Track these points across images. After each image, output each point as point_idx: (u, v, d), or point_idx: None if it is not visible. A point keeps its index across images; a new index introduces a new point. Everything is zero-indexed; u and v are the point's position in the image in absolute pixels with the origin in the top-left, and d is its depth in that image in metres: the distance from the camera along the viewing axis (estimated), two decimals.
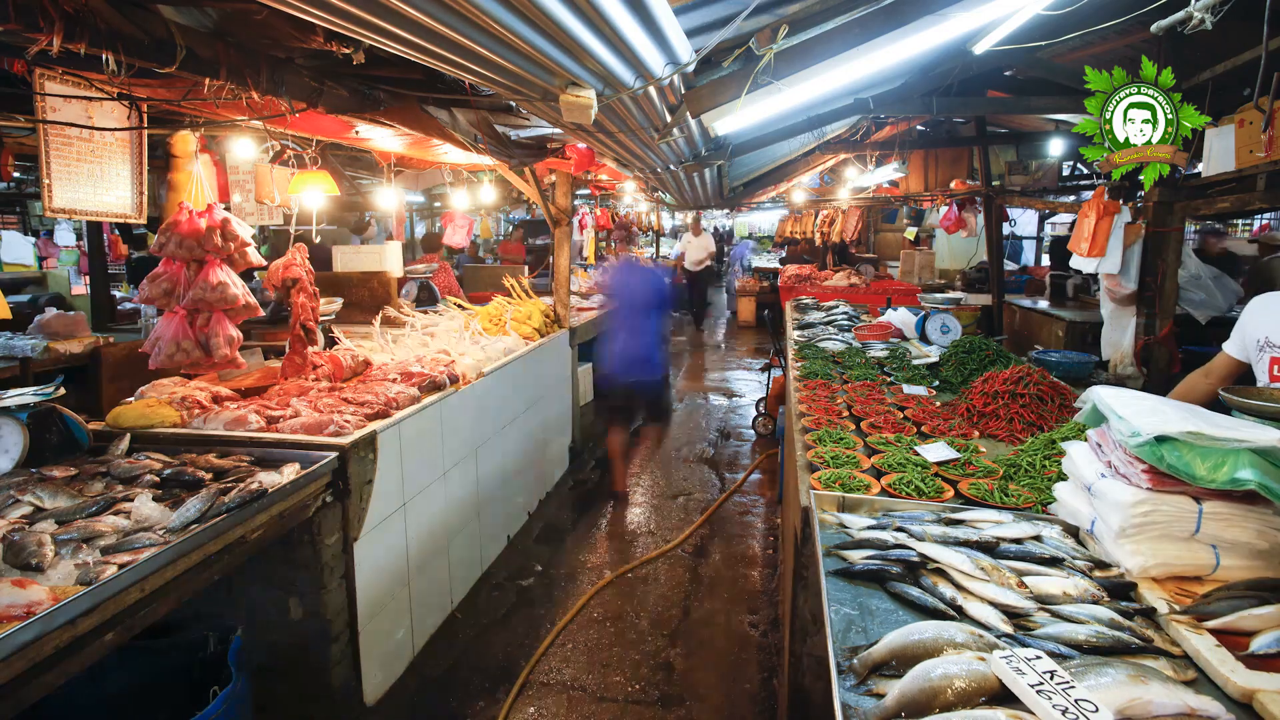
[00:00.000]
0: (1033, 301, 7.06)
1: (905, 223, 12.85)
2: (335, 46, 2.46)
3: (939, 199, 8.28)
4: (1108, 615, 1.36)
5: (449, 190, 6.71)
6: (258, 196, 3.97)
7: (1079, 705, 1.03)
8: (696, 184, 6.24)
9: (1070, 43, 3.27)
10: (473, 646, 3.31)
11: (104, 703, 2.10)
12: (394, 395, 3.09)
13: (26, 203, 10.96)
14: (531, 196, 5.49)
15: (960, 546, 1.61)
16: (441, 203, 9.20)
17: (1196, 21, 1.99)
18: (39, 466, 2.26)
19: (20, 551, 1.72)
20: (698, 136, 4.00)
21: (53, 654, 1.50)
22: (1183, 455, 1.49)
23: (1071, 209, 6.21)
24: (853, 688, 1.21)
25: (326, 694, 2.61)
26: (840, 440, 2.55)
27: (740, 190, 8.13)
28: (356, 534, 2.66)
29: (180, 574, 1.86)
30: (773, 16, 2.45)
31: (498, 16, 1.64)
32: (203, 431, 2.70)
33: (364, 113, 3.18)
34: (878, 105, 4.66)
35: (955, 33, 2.42)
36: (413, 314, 5.09)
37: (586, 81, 2.24)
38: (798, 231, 14.48)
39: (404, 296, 6.16)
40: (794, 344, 4.60)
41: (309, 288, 3.37)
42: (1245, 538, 1.50)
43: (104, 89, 2.59)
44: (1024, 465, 2.24)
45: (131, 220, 2.98)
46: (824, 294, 7.49)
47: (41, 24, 1.87)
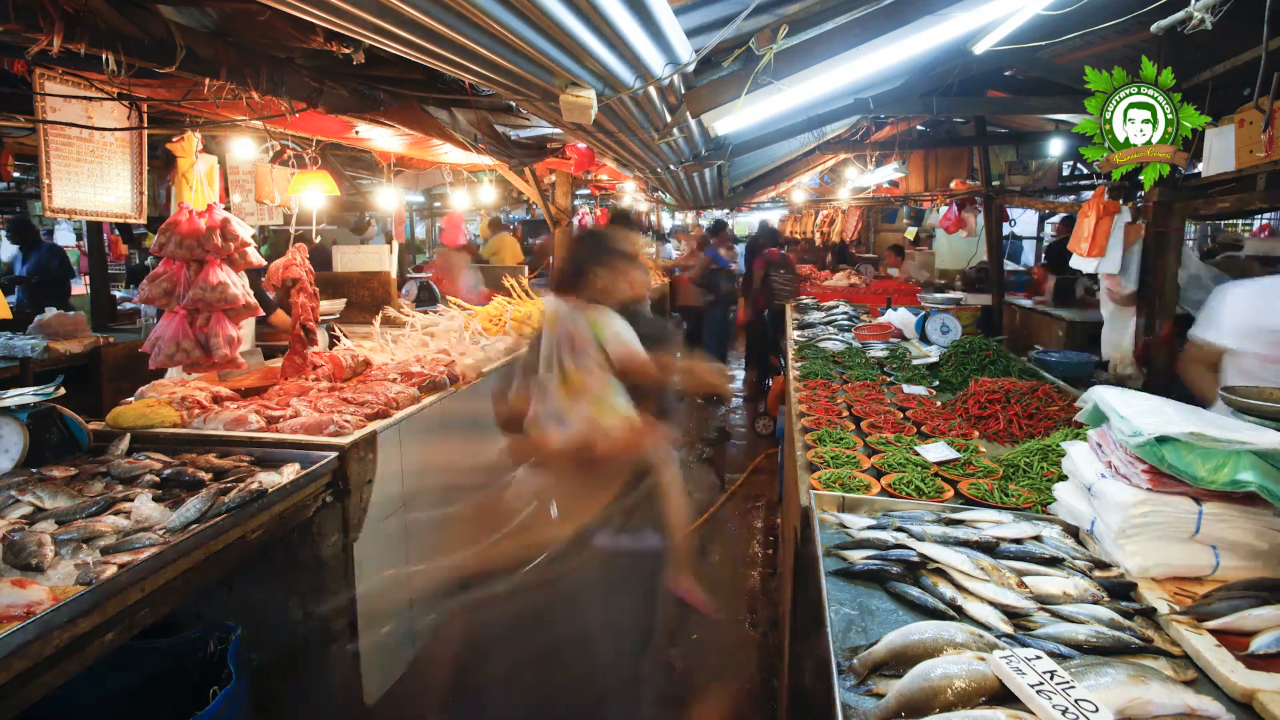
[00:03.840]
0: (1033, 302, 7.06)
1: (905, 223, 12.84)
2: (335, 46, 2.46)
3: (939, 199, 8.28)
4: (1108, 615, 1.36)
5: (449, 190, 6.71)
6: (258, 196, 3.97)
7: (1079, 705, 1.03)
8: (696, 184, 6.24)
9: (1070, 43, 3.27)
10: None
11: (104, 703, 2.10)
12: (394, 395, 3.09)
13: (26, 203, 10.95)
14: (531, 196, 5.50)
15: (960, 546, 1.60)
16: (441, 203, 9.21)
17: (1196, 21, 1.99)
18: (39, 466, 2.26)
19: (20, 551, 1.72)
20: (698, 136, 4.00)
21: (53, 654, 1.50)
22: (1184, 456, 1.49)
23: (1071, 209, 6.21)
24: (853, 688, 1.21)
25: (326, 694, 2.60)
26: (840, 440, 2.55)
27: (740, 190, 8.13)
28: (356, 534, 2.66)
29: (180, 574, 1.85)
30: (773, 16, 2.45)
31: (498, 17, 1.64)
32: (203, 431, 2.70)
33: (364, 113, 3.18)
34: (878, 105, 4.66)
35: (955, 33, 2.42)
36: (413, 314, 5.09)
37: (586, 81, 2.24)
38: (798, 231, 14.49)
39: (404, 296, 6.17)
40: (794, 344, 4.60)
41: (309, 288, 3.37)
42: (1245, 539, 1.50)
43: (104, 89, 2.59)
44: (1023, 465, 2.24)
45: (131, 220, 2.98)
46: (824, 294, 7.49)
47: (41, 24, 1.87)
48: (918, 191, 8.36)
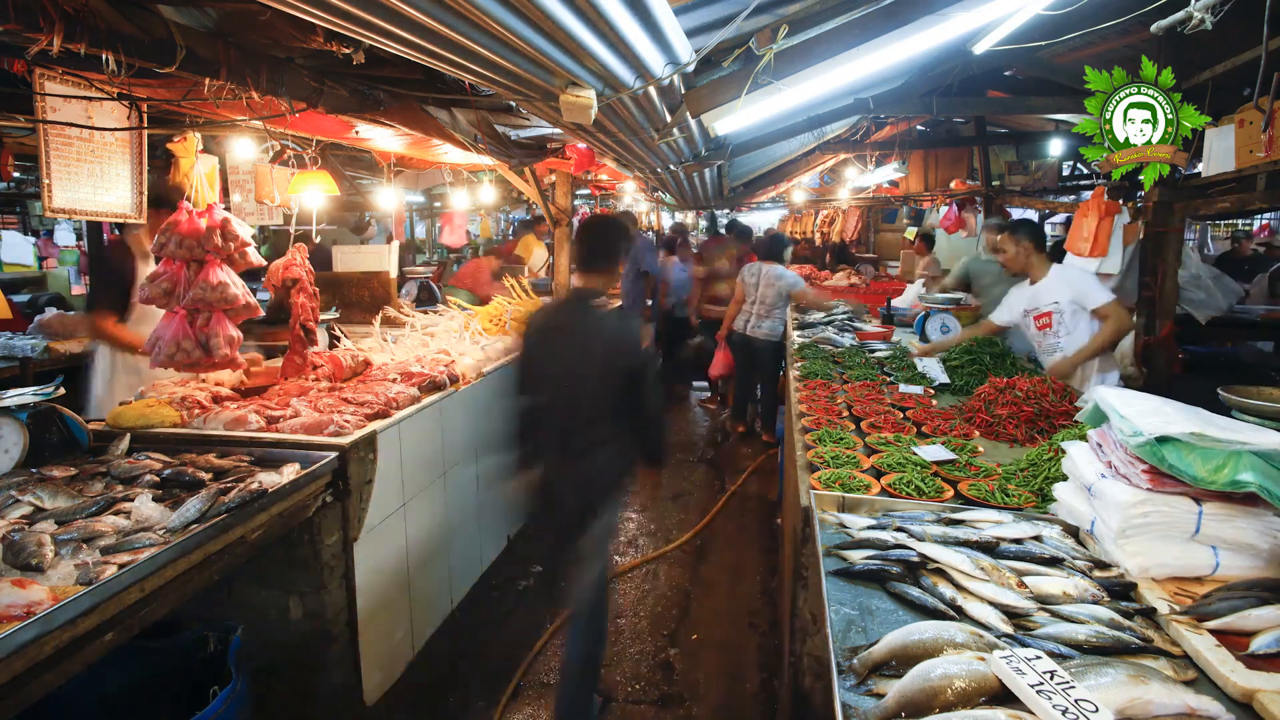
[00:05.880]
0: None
1: (905, 223, 12.84)
2: (335, 46, 2.46)
3: (939, 199, 8.28)
4: (1108, 615, 1.36)
5: (449, 190, 6.71)
6: (258, 196, 3.97)
7: (1079, 705, 1.03)
8: (696, 184, 6.24)
9: (1070, 43, 3.27)
10: (473, 646, 3.31)
11: (104, 702, 2.10)
12: (394, 395, 3.09)
13: (26, 203, 10.96)
14: (531, 196, 5.50)
15: (960, 546, 1.61)
16: (441, 203, 9.21)
17: (1196, 21, 1.99)
18: (39, 466, 2.26)
19: (20, 551, 1.72)
20: (698, 136, 4.00)
21: (53, 654, 1.50)
22: (1184, 456, 1.49)
23: (1071, 209, 6.21)
24: (853, 688, 1.21)
25: (326, 694, 2.60)
26: (840, 440, 2.55)
27: (740, 190, 8.14)
28: (356, 534, 2.66)
29: (180, 574, 1.85)
30: (773, 16, 2.45)
31: (498, 17, 1.64)
32: (203, 431, 2.70)
33: (364, 113, 3.18)
34: (878, 105, 4.67)
35: (955, 33, 2.42)
36: (413, 314, 5.09)
37: (586, 81, 2.24)
38: (798, 231, 14.47)
39: (404, 296, 6.17)
40: (794, 344, 4.60)
41: (309, 288, 3.37)
42: (1245, 539, 1.50)
43: (104, 89, 2.59)
44: (1023, 465, 2.23)
45: (131, 220, 2.98)
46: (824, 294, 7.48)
47: (41, 24, 1.87)
48: (918, 191, 8.37)
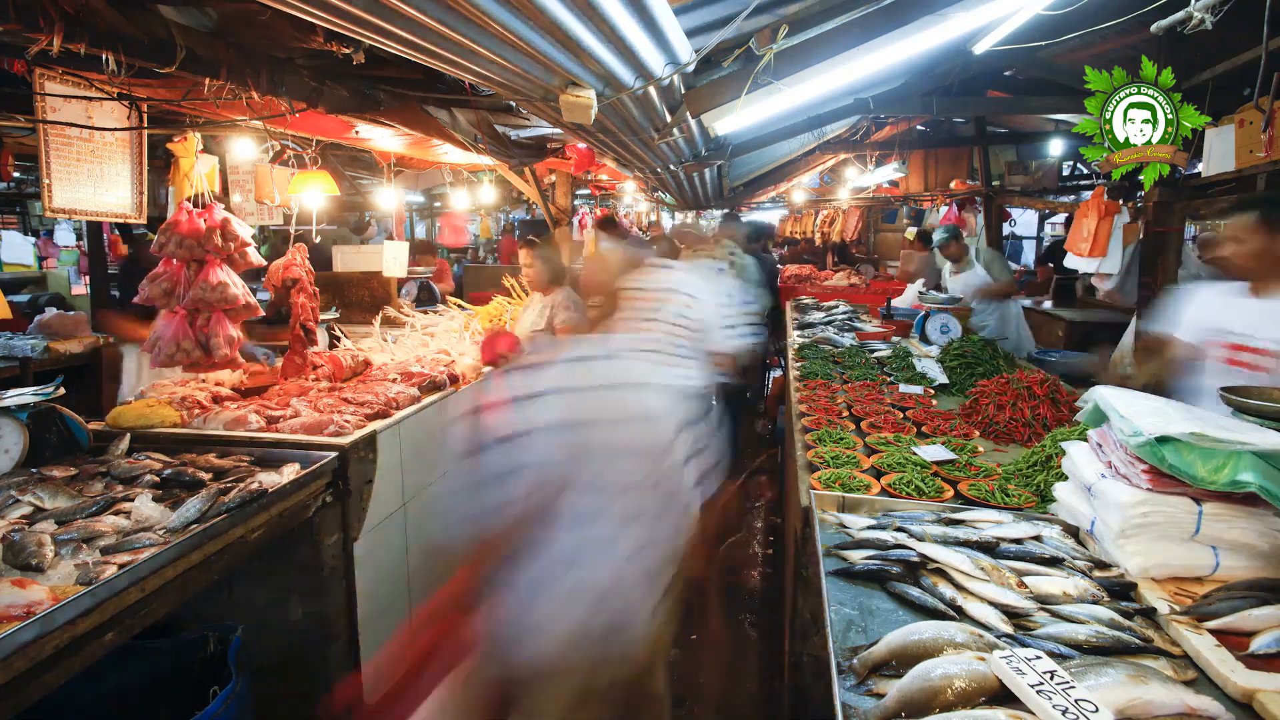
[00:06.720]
0: (1034, 302, 7.05)
1: (905, 223, 12.84)
2: (335, 46, 2.46)
3: (939, 199, 8.28)
4: (1108, 615, 1.36)
5: (449, 190, 6.71)
6: (258, 196, 3.97)
7: (1079, 705, 1.03)
8: (696, 184, 6.24)
9: (1070, 43, 3.27)
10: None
11: (104, 703, 2.10)
12: (394, 395, 3.09)
13: (26, 203, 10.97)
14: (531, 196, 5.50)
15: (960, 546, 1.60)
16: (441, 203, 9.21)
17: (1196, 21, 1.99)
18: (39, 466, 2.26)
19: (20, 551, 1.72)
20: (698, 136, 4.01)
21: (53, 654, 1.50)
22: (1184, 456, 1.48)
23: (1071, 209, 6.21)
24: (853, 688, 1.21)
25: (327, 694, 2.60)
26: (840, 440, 2.55)
27: (740, 190, 8.14)
28: (356, 534, 2.66)
29: (180, 574, 1.85)
30: (773, 16, 2.46)
31: (498, 17, 1.64)
32: (203, 431, 2.69)
33: (364, 113, 3.18)
34: (878, 105, 4.67)
35: (955, 33, 2.42)
36: (413, 314, 5.09)
37: (586, 81, 2.24)
38: (798, 231, 14.47)
39: (404, 296, 6.17)
40: (794, 344, 4.60)
41: (309, 288, 3.37)
42: (1245, 539, 1.50)
43: (104, 89, 2.59)
44: (1023, 465, 2.23)
45: (131, 220, 2.98)
46: (824, 294, 7.48)
47: (41, 24, 1.87)
48: (918, 191, 8.37)
